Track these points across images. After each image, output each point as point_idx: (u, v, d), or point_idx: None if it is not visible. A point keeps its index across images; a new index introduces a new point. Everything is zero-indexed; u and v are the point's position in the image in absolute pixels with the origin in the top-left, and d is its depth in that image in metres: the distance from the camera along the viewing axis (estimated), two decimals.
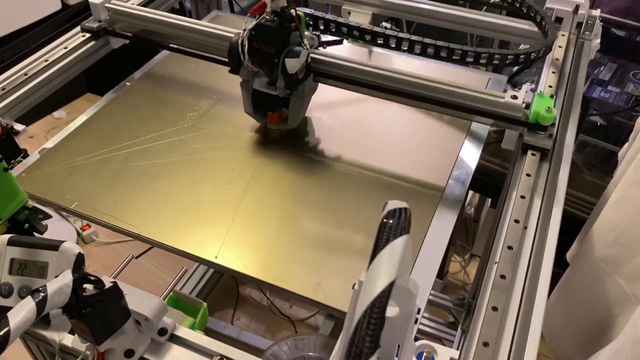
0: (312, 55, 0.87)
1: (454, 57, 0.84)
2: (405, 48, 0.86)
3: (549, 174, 0.77)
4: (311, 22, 0.92)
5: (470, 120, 0.93)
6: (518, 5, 1.00)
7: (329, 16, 0.91)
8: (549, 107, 0.79)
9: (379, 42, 0.88)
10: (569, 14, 1.02)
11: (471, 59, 0.83)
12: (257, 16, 0.82)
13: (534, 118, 0.80)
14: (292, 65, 0.82)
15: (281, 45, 0.82)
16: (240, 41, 0.83)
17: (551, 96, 0.82)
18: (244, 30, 0.82)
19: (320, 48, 0.91)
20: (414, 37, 0.85)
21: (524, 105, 0.81)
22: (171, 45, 1.04)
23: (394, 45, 0.87)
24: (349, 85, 0.90)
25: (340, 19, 0.91)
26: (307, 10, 0.92)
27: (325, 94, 1.02)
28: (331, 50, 0.93)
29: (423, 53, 0.86)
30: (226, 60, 0.88)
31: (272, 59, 0.82)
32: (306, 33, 0.86)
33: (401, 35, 0.85)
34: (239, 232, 0.79)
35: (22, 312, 0.44)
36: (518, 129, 0.84)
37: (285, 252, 0.76)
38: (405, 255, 0.37)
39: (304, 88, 0.88)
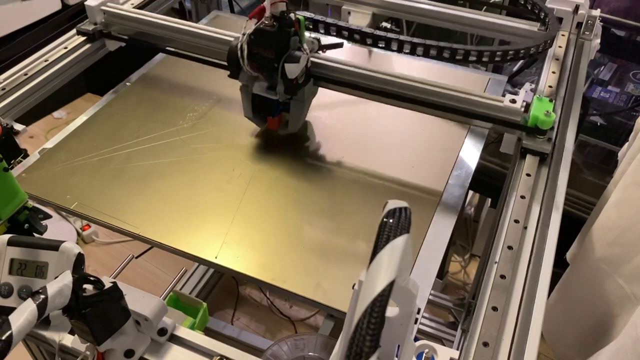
0: (312, 59, 0.86)
1: (457, 57, 0.84)
2: (407, 51, 0.86)
3: (548, 178, 0.77)
4: (311, 26, 0.92)
5: (469, 124, 0.93)
6: (523, 2, 1.00)
7: (329, 20, 0.91)
8: (547, 112, 0.78)
9: (380, 45, 0.87)
10: (569, 14, 1.02)
11: (474, 58, 0.83)
12: (257, 20, 0.81)
13: (532, 122, 0.79)
14: (292, 70, 0.81)
15: (281, 50, 0.81)
16: (239, 46, 0.82)
17: (550, 100, 0.82)
18: (243, 34, 0.82)
19: (320, 52, 0.91)
20: (415, 40, 0.84)
21: (522, 109, 0.81)
22: (167, 48, 1.03)
23: (395, 48, 0.86)
24: (349, 90, 0.90)
25: (340, 23, 0.90)
26: (307, 14, 0.91)
27: (324, 93, 1.02)
28: (332, 53, 0.92)
29: (425, 55, 0.85)
30: (222, 62, 0.87)
31: (272, 64, 0.82)
32: (306, 37, 0.86)
33: (402, 38, 0.85)
34: (239, 232, 0.79)
35: (23, 315, 0.44)
36: (517, 132, 0.83)
37: (285, 252, 0.76)
38: (405, 254, 0.37)
39: (304, 93, 0.88)
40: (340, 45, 0.93)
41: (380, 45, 0.87)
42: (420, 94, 0.85)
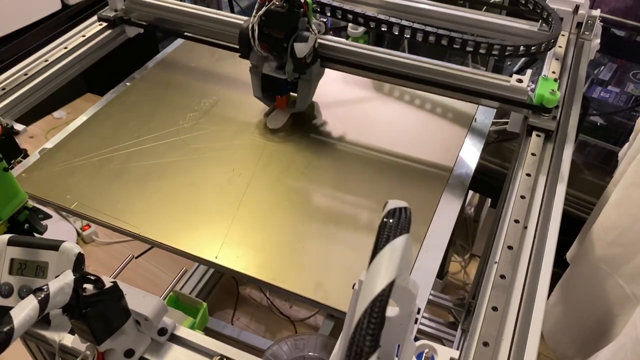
0: (319, 40, 0.89)
1: (454, 46, 0.85)
2: (408, 36, 0.87)
3: (553, 153, 0.80)
4: (318, 9, 0.95)
5: (476, 103, 0.94)
6: (524, 2, 1.01)
7: (336, 3, 0.93)
8: (553, 90, 0.82)
9: (383, 29, 0.89)
10: (569, 14, 1.02)
11: (484, 50, 0.85)
12: (267, 2, 0.84)
13: (538, 100, 0.83)
14: (301, 49, 0.84)
15: (290, 31, 0.85)
16: (250, 27, 0.85)
17: (555, 80, 0.85)
18: (254, 16, 0.85)
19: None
20: (416, 25, 0.86)
21: (529, 88, 0.84)
22: (185, 33, 1.06)
23: (397, 33, 0.88)
24: (356, 70, 0.92)
25: (346, 6, 0.93)
26: None
27: (325, 94, 1.02)
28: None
29: (425, 40, 0.87)
30: (237, 46, 0.90)
31: (282, 44, 0.85)
32: (313, 20, 0.89)
33: (404, 22, 0.87)
34: (239, 232, 0.79)
35: (25, 309, 0.44)
36: (523, 111, 0.86)
37: (286, 252, 0.76)
38: (405, 254, 0.37)
39: (311, 72, 0.91)
40: (345, 29, 0.94)
41: (383, 29, 0.89)
42: (428, 74, 0.87)
